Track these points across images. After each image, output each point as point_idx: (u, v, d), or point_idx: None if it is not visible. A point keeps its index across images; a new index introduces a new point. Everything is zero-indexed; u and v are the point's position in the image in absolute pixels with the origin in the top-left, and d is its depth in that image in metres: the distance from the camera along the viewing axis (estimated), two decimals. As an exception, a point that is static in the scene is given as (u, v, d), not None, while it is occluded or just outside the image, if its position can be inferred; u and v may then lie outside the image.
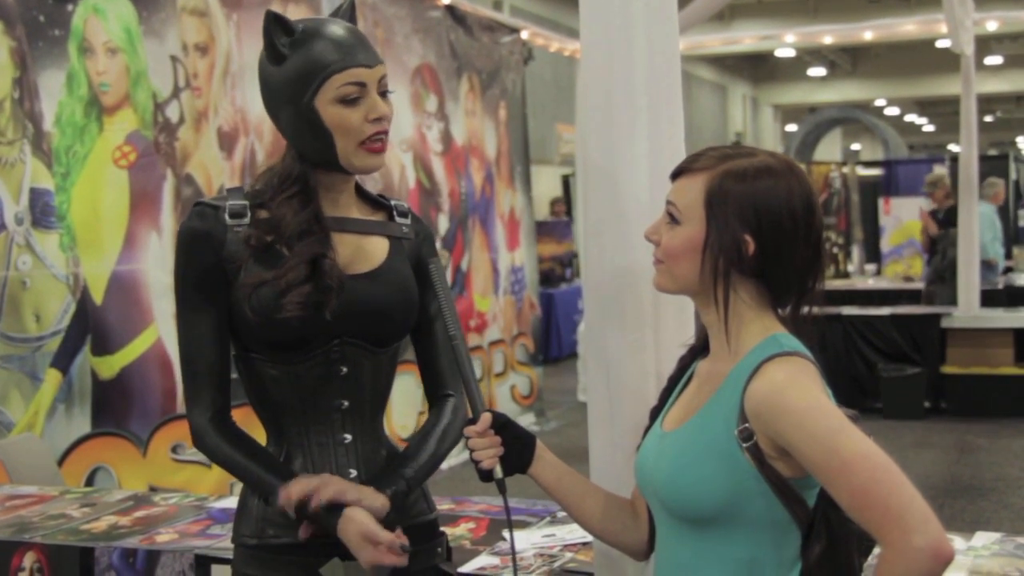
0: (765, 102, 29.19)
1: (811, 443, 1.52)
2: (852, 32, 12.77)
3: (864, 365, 9.08)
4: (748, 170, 1.64)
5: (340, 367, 1.94)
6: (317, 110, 1.87)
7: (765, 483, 1.58)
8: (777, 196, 1.62)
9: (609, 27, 2.03)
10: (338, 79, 1.86)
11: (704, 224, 1.64)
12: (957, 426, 8.60)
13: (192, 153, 5.71)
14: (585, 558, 2.58)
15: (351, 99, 1.87)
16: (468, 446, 1.81)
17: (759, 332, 1.66)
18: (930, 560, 1.43)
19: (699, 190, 1.65)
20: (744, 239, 1.62)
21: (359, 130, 1.88)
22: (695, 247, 1.65)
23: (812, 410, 1.54)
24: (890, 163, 18.28)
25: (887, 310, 9.37)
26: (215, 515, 3.17)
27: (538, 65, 11.45)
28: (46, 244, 4.90)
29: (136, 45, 5.41)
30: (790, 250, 1.63)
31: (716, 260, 1.63)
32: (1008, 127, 35.10)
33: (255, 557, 1.94)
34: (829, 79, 26.84)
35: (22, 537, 2.99)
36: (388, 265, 1.99)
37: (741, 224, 1.62)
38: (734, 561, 1.62)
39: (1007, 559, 2.50)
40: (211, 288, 1.90)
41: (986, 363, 8.95)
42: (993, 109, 30.54)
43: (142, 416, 5.30)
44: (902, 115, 32.08)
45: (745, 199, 1.62)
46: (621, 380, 2.02)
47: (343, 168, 1.91)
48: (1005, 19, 11.55)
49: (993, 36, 18.30)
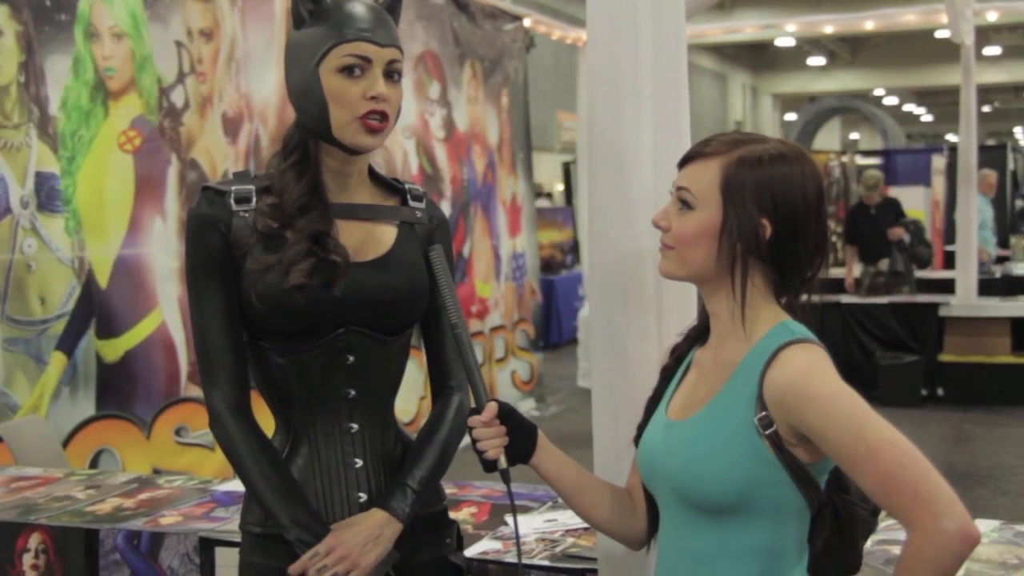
0: (765, 91, 29.16)
1: (837, 430, 1.51)
2: (853, 21, 12.79)
3: (862, 353, 9.08)
4: (763, 156, 1.63)
5: (347, 356, 1.92)
6: (319, 76, 1.86)
7: (783, 470, 1.57)
8: (792, 182, 1.62)
9: (615, 15, 2.01)
10: (345, 48, 1.85)
11: (721, 209, 1.62)
12: (954, 414, 8.61)
13: (197, 138, 5.70)
14: (586, 543, 2.57)
15: (353, 72, 1.86)
16: (472, 436, 1.79)
17: (769, 319, 1.65)
18: (959, 542, 1.44)
19: (714, 175, 1.63)
20: (762, 223, 1.61)
21: (355, 104, 1.85)
22: (711, 232, 1.63)
23: (837, 396, 1.53)
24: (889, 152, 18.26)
25: (885, 299, 9.36)
26: (219, 498, 3.16)
27: (540, 53, 11.44)
28: (51, 228, 4.89)
29: (141, 30, 5.40)
30: (802, 235, 1.63)
31: (734, 245, 1.62)
32: (1006, 117, 35.09)
33: (261, 545, 1.92)
34: (829, 68, 26.82)
35: (27, 519, 2.99)
36: (397, 251, 1.96)
37: (759, 209, 1.61)
38: (752, 549, 1.61)
39: (1005, 547, 2.50)
40: (220, 272, 1.88)
41: (983, 352, 8.96)
42: (991, 99, 30.53)
43: (146, 399, 5.30)
44: (901, 105, 32.08)
45: (763, 184, 1.61)
46: (625, 365, 2.02)
47: (337, 141, 1.89)
48: (1005, 9, 11.52)
49: (992, 27, 18.27)
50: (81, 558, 2.89)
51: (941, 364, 9.06)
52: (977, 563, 2.38)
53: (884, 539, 2.48)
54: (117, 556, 2.87)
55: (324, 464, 1.92)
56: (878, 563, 2.36)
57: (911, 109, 33.23)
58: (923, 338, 9.06)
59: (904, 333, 9.10)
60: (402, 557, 1.92)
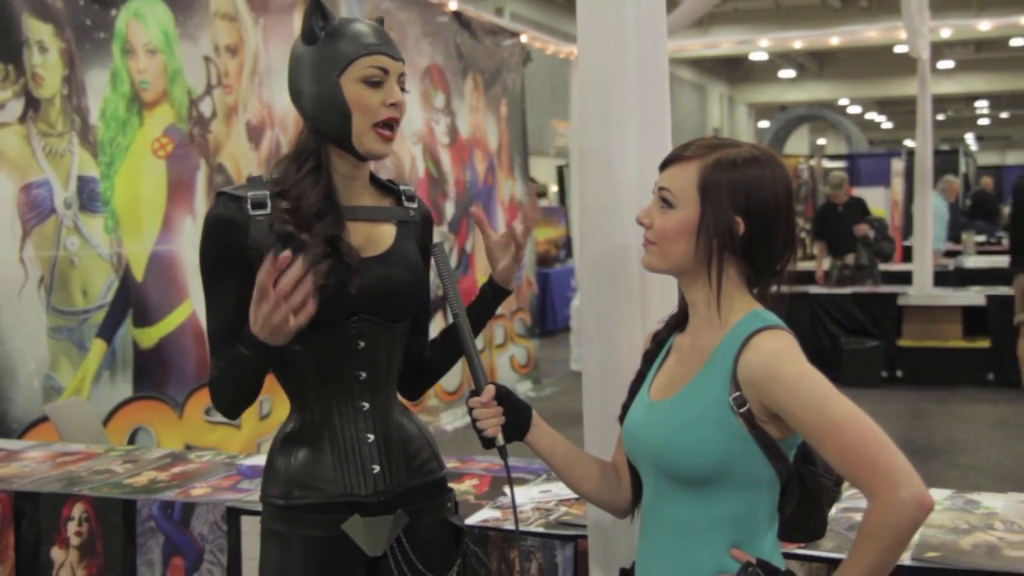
0: (740, 101, 29.11)
1: (804, 408, 1.51)
2: (820, 37, 12.82)
3: (828, 338, 9.08)
4: (737, 159, 1.62)
5: (358, 342, 1.92)
6: (341, 87, 1.86)
7: (755, 444, 1.57)
8: (764, 183, 1.62)
9: (604, 31, 2.02)
10: (367, 61, 1.86)
11: (698, 207, 1.62)
12: (911, 393, 8.62)
13: (223, 144, 5.69)
14: (578, 512, 2.57)
15: (374, 82, 1.87)
16: (472, 416, 1.80)
17: (743, 308, 1.65)
18: (915, 510, 1.44)
19: (693, 176, 1.63)
20: (736, 221, 1.61)
21: (376, 111, 1.87)
22: (689, 229, 1.63)
23: (804, 378, 1.53)
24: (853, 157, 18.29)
25: (849, 289, 9.36)
26: (244, 471, 3.16)
27: (536, 66, 11.40)
28: (92, 226, 4.88)
29: (173, 46, 5.39)
30: (773, 232, 1.62)
31: (710, 240, 1.62)
32: (958, 125, 35.10)
33: (282, 515, 1.92)
34: (798, 80, 26.77)
35: (71, 490, 2.99)
36: (397, 247, 1.97)
37: (733, 207, 1.60)
38: (727, 517, 1.61)
39: (957, 513, 2.50)
40: (232, 269, 1.88)
41: (937, 337, 8.98)
42: (945, 108, 30.46)
43: (178, 381, 5.30)
44: (863, 113, 32.02)
45: (737, 185, 1.61)
46: (613, 350, 2.02)
47: (354, 148, 1.89)
48: (957, 27, 11.60)
49: (946, 42, 18.24)
50: (120, 526, 2.90)
51: (899, 348, 9.07)
52: (931, 528, 2.38)
53: (847, 507, 2.49)
54: (152, 524, 2.87)
55: (340, 440, 1.93)
56: (842, 528, 2.36)
57: (873, 117, 33.18)
58: (883, 325, 9.06)
59: (866, 320, 9.10)
60: (409, 520, 1.95)
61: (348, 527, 1.90)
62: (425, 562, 1.96)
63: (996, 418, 7.71)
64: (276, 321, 1.69)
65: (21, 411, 4.46)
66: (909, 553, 2.21)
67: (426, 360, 2.12)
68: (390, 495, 1.93)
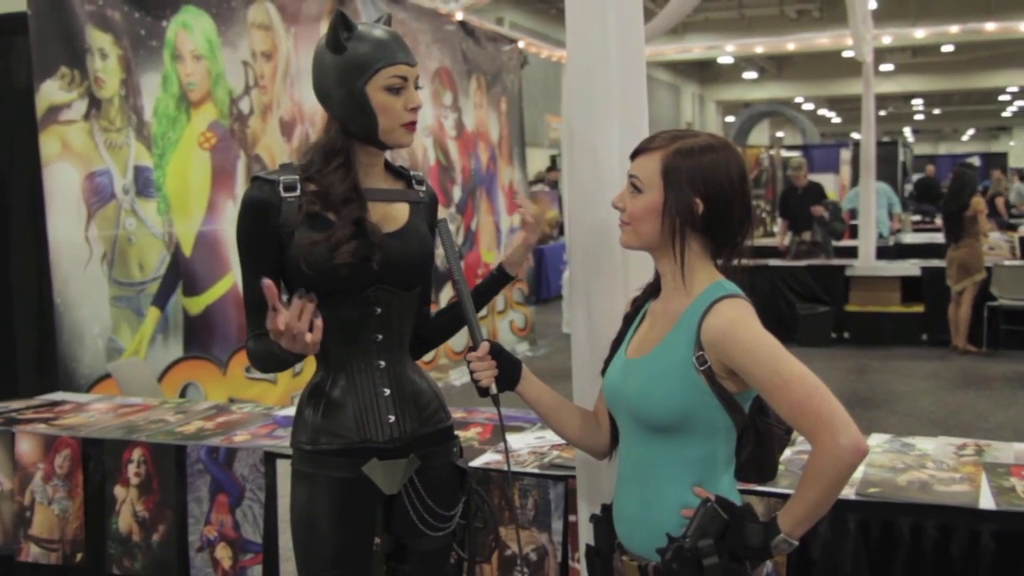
0: (710, 99, 29.00)
1: (758, 366, 1.51)
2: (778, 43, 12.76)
3: (786, 305, 9.06)
4: (695, 147, 1.61)
5: (375, 308, 1.92)
6: (368, 94, 1.84)
7: (715, 397, 1.57)
8: (719, 167, 1.60)
9: (590, 38, 2.01)
10: (388, 71, 1.84)
11: (662, 191, 1.61)
12: (856, 352, 8.62)
13: (260, 138, 5.67)
14: (568, 455, 2.58)
15: (395, 89, 1.85)
16: (470, 368, 1.81)
17: (706, 278, 1.64)
18: (852, 455, 1.44)
19: (657, 164, 1.62)
20: (695, 201, 1.60)
21: (400, 115, 1.86)
22: (656, 210, 1.62)
23: (758, 340, 1.53)
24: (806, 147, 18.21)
25: (804, 262, 9.34)
26: (279, 421, 3.17)
27: (531, 68, 11.35)
28: (147, 209, 4.87)
29: (216, 53, 5.36)
30: (730, 210, 1.61)
31: (673, 219, 1.61)
32: (898, 120, 35.10)
33: (310, 459, 1.92)
34: (760, 81, 26.67)
35: (131, 437, 3.00)
36: (410, 225, 1.96)
37: (692, 190, 1.60)
38: (690, 459, 1.61)
39: (895, 455, 2.51)
40: (266, 246, 1.87)
41: (879, 303, 8.97)
42: (886, 105, 30.42)
43: (222, 343, 5.30)
44: (816, 110, 31.92)
45: (695, 170, 1.60)
46: (598, 315, 2.02)
47: (380, 143, 1.88)
48: (896, 34, 11.57)
49: (887, 48, 18.16)
50: (172, 468, 2.91)
51: (847, 313, 9.06)
52: (872, 467, 2.39)
53: (801, 450, 2.49)
54: (200, 466, 2.88)
55: (359, 393, 1.92)
56: (796, 468, 2.37)
57: (824, 113, 33.07)
58: (833, 293, 9.04)
59: (818, 289, 9.09)
60: (421, 463, 1.96)
61: (367, 469, 1.90)
62: (435, 499, 1.97)
63: (928, 373, 7.71)
64: (297, 347, 1.67)
65: (88, 369, 4.46)
66: (853, 489, 2.22)
67: (432, 325, 2.11)
68: (404, 441, 1.93)
